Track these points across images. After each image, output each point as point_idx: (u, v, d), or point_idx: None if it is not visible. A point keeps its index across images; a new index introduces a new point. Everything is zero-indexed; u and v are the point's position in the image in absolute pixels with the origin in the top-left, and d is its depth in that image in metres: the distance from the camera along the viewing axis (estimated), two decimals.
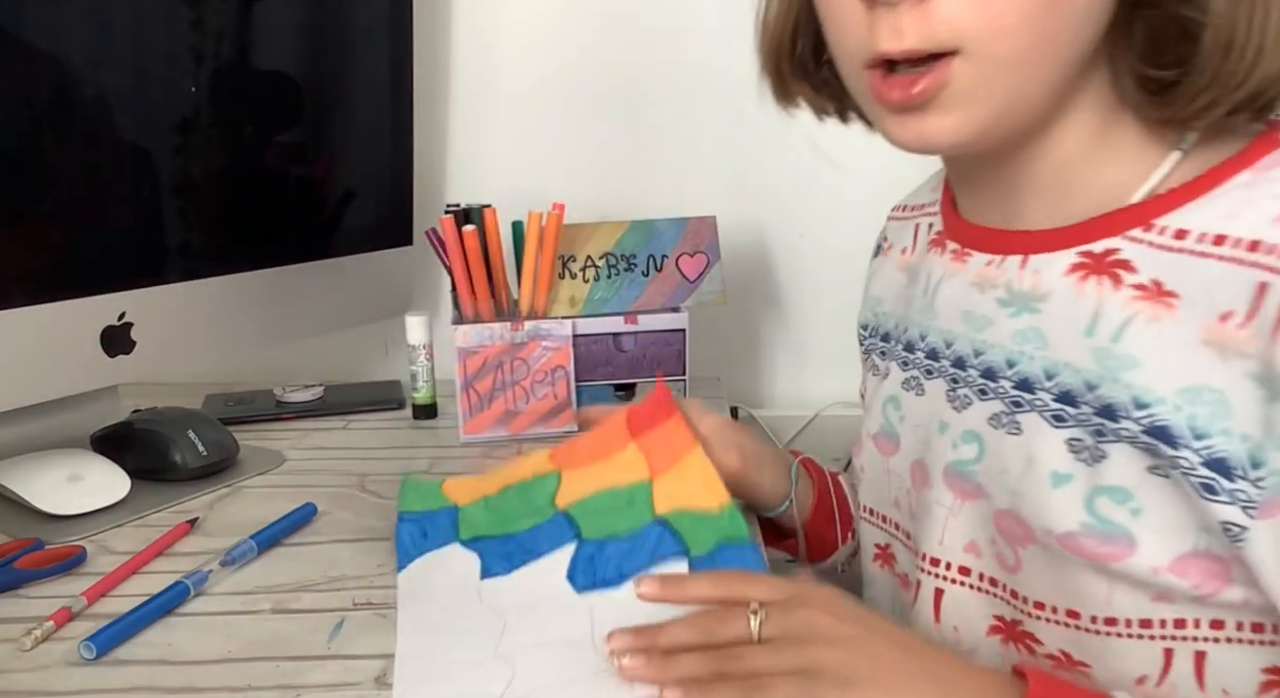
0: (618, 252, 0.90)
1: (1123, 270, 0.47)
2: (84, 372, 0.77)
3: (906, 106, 0.47)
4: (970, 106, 0.46)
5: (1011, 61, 0.45)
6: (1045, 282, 0.50)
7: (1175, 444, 0.43)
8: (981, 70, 0.45)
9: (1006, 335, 0.52)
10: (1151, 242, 0.46)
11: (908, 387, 0.59)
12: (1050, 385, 0.49)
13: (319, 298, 0.96)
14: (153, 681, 0.52)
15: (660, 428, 0.68)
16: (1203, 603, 0.45)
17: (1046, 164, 0.50)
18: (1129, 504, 0.46)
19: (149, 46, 0.79)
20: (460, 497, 0.70)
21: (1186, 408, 0.43)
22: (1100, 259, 0.48)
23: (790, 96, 0.60)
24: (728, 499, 0.62)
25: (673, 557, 0.59)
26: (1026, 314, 0.51)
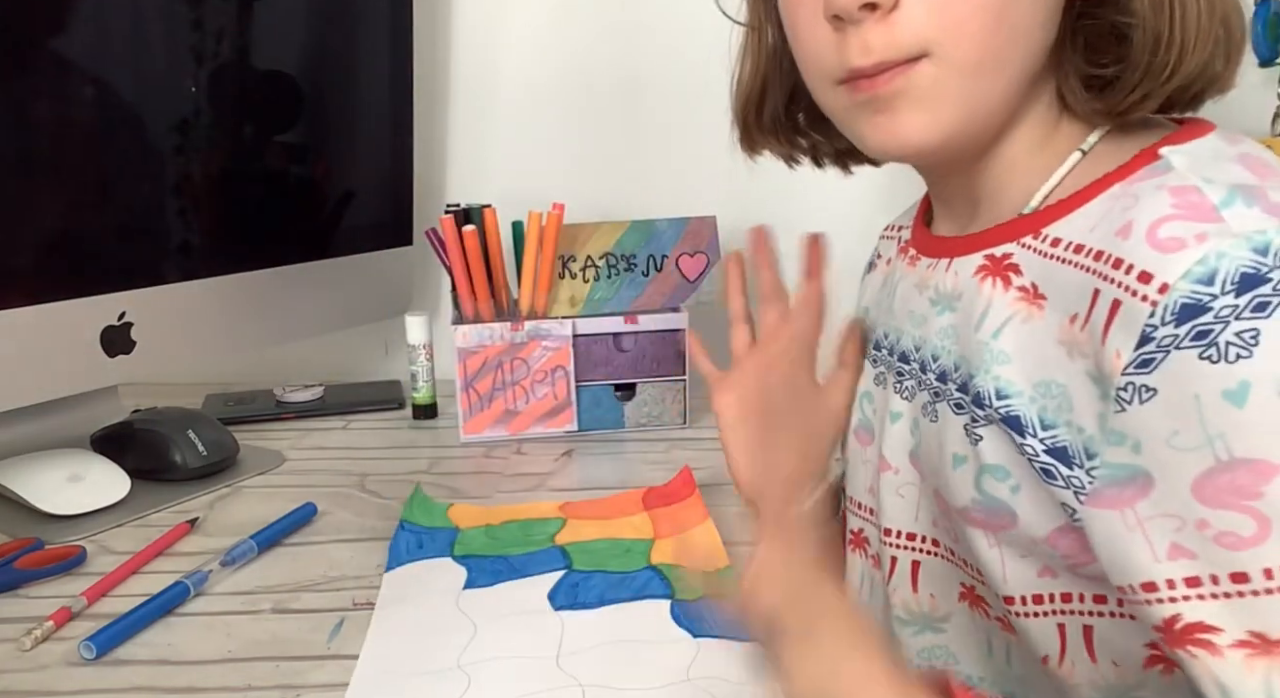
0: (618, 252, 0.90)
1: (1013, 273, 0.51)
2: (84, 372, 0.77)
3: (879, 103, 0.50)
4: (938, 107, 0.49)
5: (973, 65, 0.48)
6: (961, 282, 0.54)
7: (1023, 433, 0.48)
8: (947, 74, 0.48)
9: (934, 332, 0.56)
10: (1036, 248, 0.50)
11: (878, 382, 0.63)
12: (956, 377, 0.54)
13: (319, 298, 0.96)
14: (153, 681, 0.52)
15: (676, 505, 0.71)
16: (1081, 575, 0.48)
17: (994, 172, 0.54)
18: (1008, 482, 0.50)
19: (149, 46, 0.79)
20: (464, 521, 0.70)
21: (1039, 400, 0.47)
22: (999, 262, 0.52)
23: (755, 147, 0.64)
24: (726, 564, 0.62)
25: (659, 597, 0.59)
26: (948, 313, 0.55)
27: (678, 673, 0.51)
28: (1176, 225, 0.42)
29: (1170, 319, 0.41)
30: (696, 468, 0.77)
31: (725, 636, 0.55)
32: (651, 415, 0.91)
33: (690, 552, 0.65)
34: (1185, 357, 0.40)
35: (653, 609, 0.57)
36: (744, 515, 0.71)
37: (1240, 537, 0.39)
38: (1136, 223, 0.44)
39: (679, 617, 0.57)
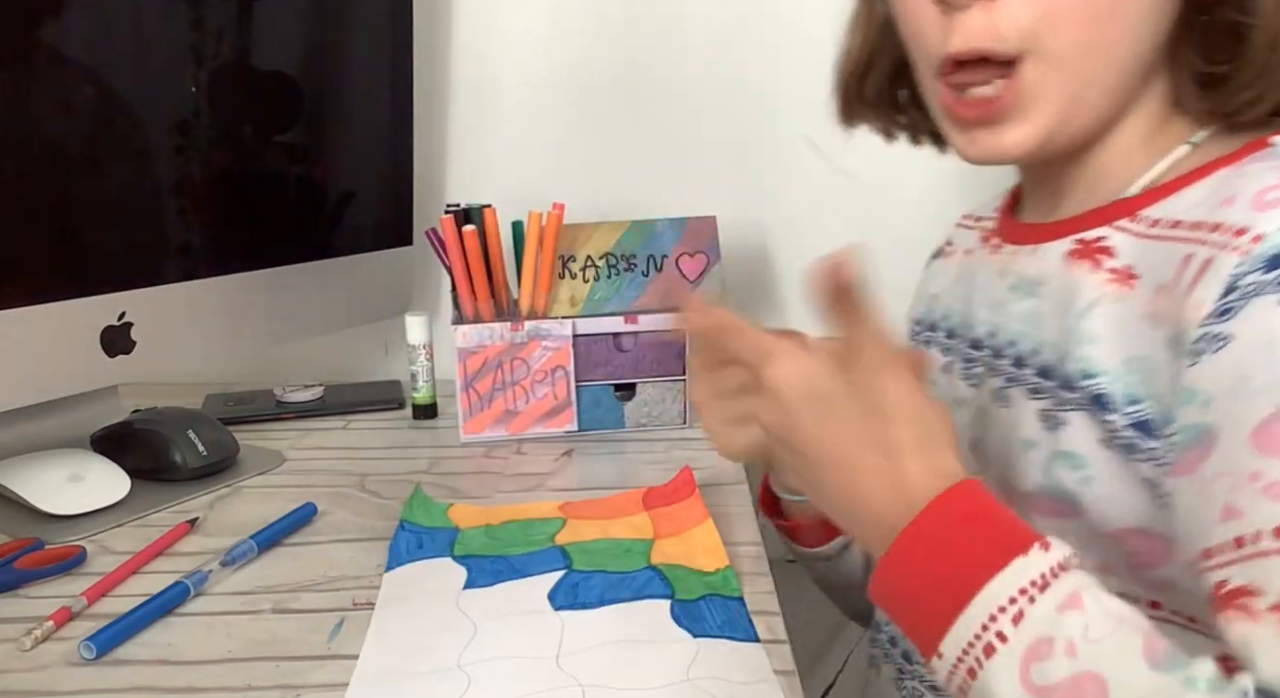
0: (618, 252, 0.90)
1: (1104, 256, 0.51)
2: (84, 372, 0.77)
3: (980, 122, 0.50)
4: (1037, 112, 0.49)
5: (1074, 61, 0.48)
6: (1047, 268, 0.54)
7: (1108, 409, 0.47)
8: (1046, 71, 0.48)
9: (1012, 317, 0.56)
10: (1131, 230, 0.50)
11: (945, 370, 0.63)
12: (1035, 361, 0.53)
13: (319, 298, 0.96)
14: (153, 681, 0.52)
15: (676, 504, 0.71)
16: (1142, 579, 0.48)
17: (1098, 163, 0.54)
18: (1081, 471, 0.49)
19: (149, 46, 0.79)
20: (464, 521, 0.70)
21: (1125, 377, 0.47)
22: (1089, 245, 0.52)
23: (853, 117, 0.64)
24: (726, 564, 0.62)
25: (658, 597, 0.59)
26: (1030, 298, 0.55)
27: (678, 673, 0.51)
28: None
29: (1259, 266, 0.41)
30: (696, 468, 0.77)
31: (725, 636, 0.55)
32: (651, 415, 0.91)
33: (688, 551, 0.64)
34: (1266, 301, 0.40)
35: (653, 609, 0.57)
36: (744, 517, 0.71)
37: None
38: (1240, 193, 0.44)
39: (679, 617, 0.57)
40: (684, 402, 0.92)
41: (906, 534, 0.43)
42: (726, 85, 1.07)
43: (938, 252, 0.74)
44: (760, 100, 1.07)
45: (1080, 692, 0.37)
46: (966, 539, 0.42)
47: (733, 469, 0.81)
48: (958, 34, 0.49)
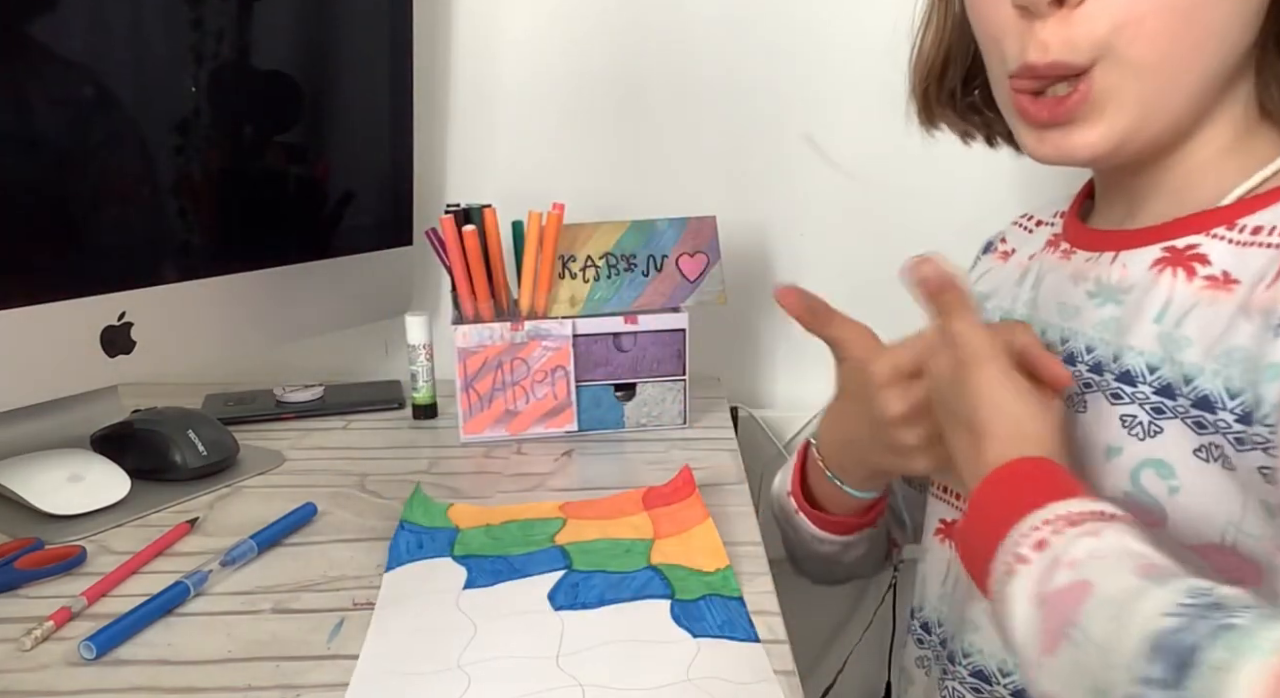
0: (618, 252, 0.90)
1: (1199, 263, 0.50)
2: (84, 372, 0.77)
3: (1052, 122, 0.50)
4: (1111, 115, 0.49)
5: (1150, 68, 0.47)
6: (1132, 275, 0.53)
7: (1214, 409, 0.47)
8: (1121, 77, 0.48)
9: (1090, 324, 0.55)
10: (1231, 238, 0.49)
11: None
12: (1114, 367, 0.53)
13: (319, 298, 0.96)
14: (153, 681, 0.52)
15: (676, 504, 0.71)
16: None
17: (1180, 170, 0.53)
18: (1169, 481, 0.49)
19: (149, 46, 0.79)
20: (464, 521, 0.70)
21: (1223, 372, 0.47)
22: (1181, 253, 0.51)
23: (934, 119, 0.63)
24: (726, 564, 0.62)
25: (658, 597, 0.59)
26: (1111, 305, 0.54)
27: (678, 673, 0.51)
28: None
29: None
30: (696, 468, 0.77)
31: (725, 636, 0.55)
32: (651, 415, 0.91)
33: (688, 551, 0.64)
34: None
35: (653, 609, 0.57)
36: (745, 515, 0.71)
37: None
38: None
39: (679, 617, 0.57)
40: (684, 402, 0.92)
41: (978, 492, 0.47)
42: (726, 85, 1.07)
43: (988, 246, 0.73)
44: (760, 100, 1.07)
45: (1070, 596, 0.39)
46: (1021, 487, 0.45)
47: (733, 469, 0.81)
48: (1034, 44, 0.49)
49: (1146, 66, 0.47)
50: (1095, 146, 0.50)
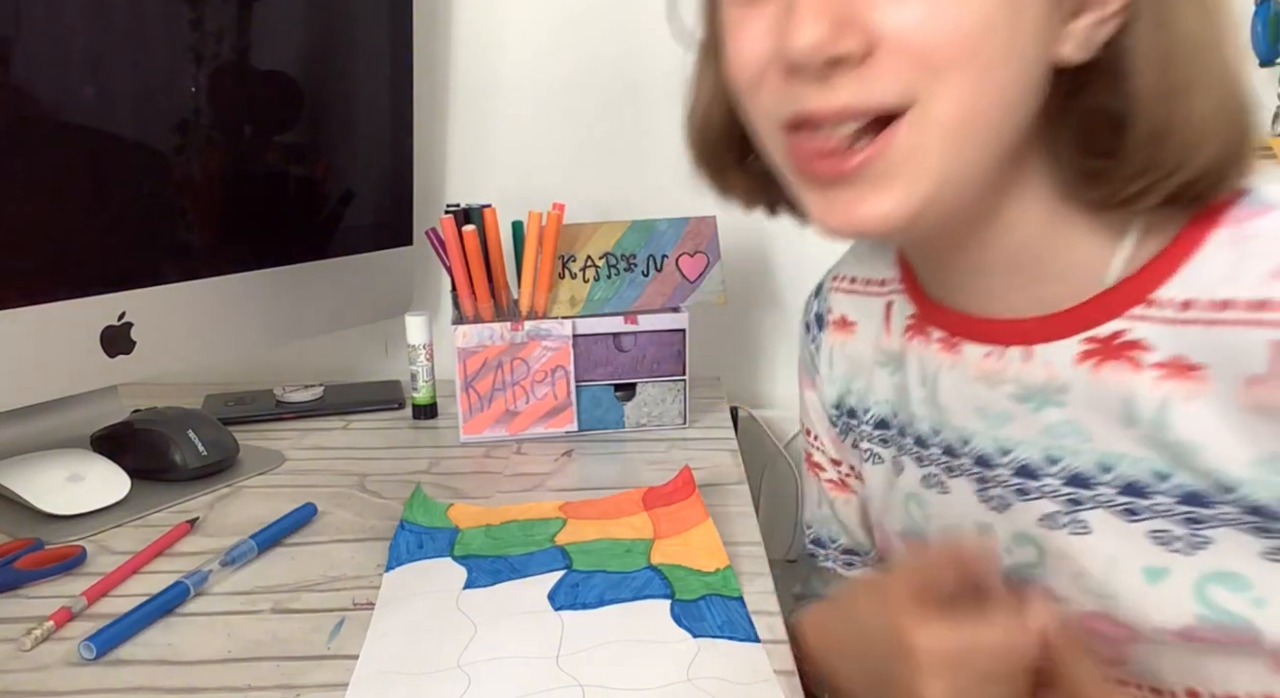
0: (618, 252, 0.90)
1: (1138, 351, 0.46)
2: (84, 372, 0.77)
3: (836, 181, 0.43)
4: (909, 179, 0.42)
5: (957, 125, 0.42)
6: (1060, 372, 0.48)
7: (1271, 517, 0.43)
8: (926, 137, 0.42)
9: (1036, 431, 0.50)
10: (1160, 317, 0.45)
11: (928, 483, 0.57)
12: (1110, 479, 0.47)
13: (319, 298, 0.97)
14: (153, 681, 0.52)
15: (676, 504, 0.71)
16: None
17: (1008, 246, 0.48)
18: (1249, 593, 0.44)
19: (149, 46, 0.79)
20: (464, 521, 0.70)
21: (1267, 478, 0.42)
22: (1108, 343, 0.46)
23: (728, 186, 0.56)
24: (726, 564, 0.62)
25: (658, 597, 0.59)
26: (1052, 407, 0.49)
27: (678, 673, 0.51)
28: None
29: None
30: (696, 468, 0.77)
31: (725, 636, 0.55)
32: (651, 415, 0.91)
33: (689, 551, 0.64)
34: None
35: (653, 609, 0.57)
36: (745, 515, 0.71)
37: None
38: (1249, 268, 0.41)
39: (679, 617, 0.57)
40: (684, 402, 0.92)
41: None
42: None
43: (819, 320, 0.66)
44: None
45: None
46: None
47: (733, 469, 0.81)
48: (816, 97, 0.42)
49: (949, 124, 0.41)
50: (889, 217, 0.43)
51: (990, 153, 0.43)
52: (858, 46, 0.40)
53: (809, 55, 0.40)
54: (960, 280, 0.52)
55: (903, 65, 0.40)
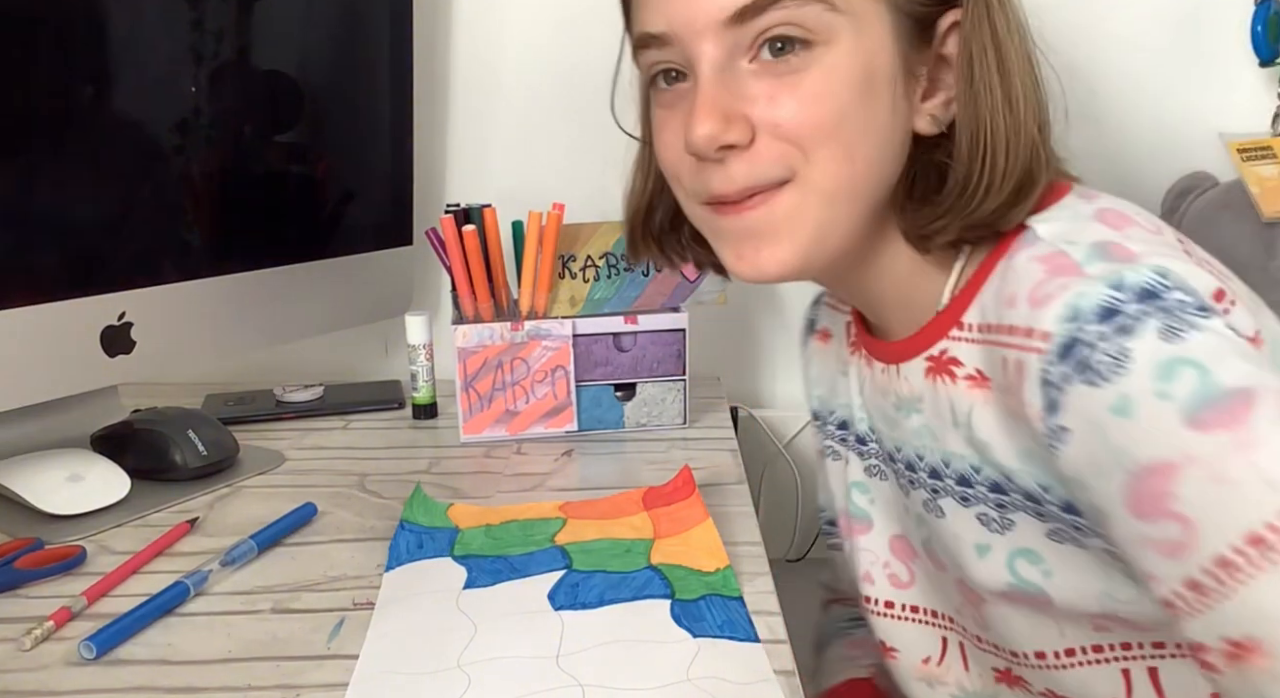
0: (618, 252, 0.90)
1: (954, 366, 0.55)
2: (84, 372, 0.77)
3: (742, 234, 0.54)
4: (794, 234, 0.53)
5: (831, 193, 0.52)
6: (914, 386, 0.58)
7: (1041, 502, 0.51)
8: (806, 200, 0.52)
9: (909, 433, 0.60)
10: (964, 337, 0.54)
11: (870, 473, 0.67)
12: (949, 472, 0.57)
13: (319, 298, 0.96)
14: (153, 681, 0.52)
15: (676, 504, 0.71)
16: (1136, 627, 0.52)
17: (886, 285, 0.58)
18: (1040, 566, 0.53)
19: (149, 46, 0.79)
20: (464, 521, 0.70)
21: (1031, 471, 0.51)
22: (939, 359, 0.56)
23: (638, 255, 0.68)
24: (726, 564, 0.62)
25: (658, 597, 0.59)
26: (915, 415, 0.59)
27: (678, 673, 0.51)
28: (1048, 284, 0.47)
29: (1056, 359, 0.46)
30: (696, 468, 0.77)
31: (725, 636, 0.55)
32: (651, 415, 0.91)
33: (689, 551, 0.65)
34: (1078, 390, 0.45)
35: (653, 609, 0.58)
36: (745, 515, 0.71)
37: (1176, 543, 0.42)
38: (1018, 293, 0.49)
39: (679, 617, 0.57)
40: (684, 402, 0.92)
41: None
42: None
43: (811, 327, 0.76)
44: None
45: None
46: None
47: (733, 469, 0.81)
48: (719, 178, 0.53)
49: (823, 192, 0.52)
50: (785, 263, 0.53)
51: (861, 208, 0.53)
52: (741, 136, 0.51)
53: (704, 144, 0.51)
54: (867, 309, 0.63)
55: (779, 147, 0.51)
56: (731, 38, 0.51)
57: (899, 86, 0.52)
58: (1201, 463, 0.41)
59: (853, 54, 0.50)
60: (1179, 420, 0.42)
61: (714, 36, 0.51)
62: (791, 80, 0.51)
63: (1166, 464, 0.42)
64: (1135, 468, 0.43)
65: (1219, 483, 0.41)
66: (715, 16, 0.50)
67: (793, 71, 0.50)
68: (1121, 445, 0.44)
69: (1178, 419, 0.42)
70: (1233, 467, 0.41)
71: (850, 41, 0.50)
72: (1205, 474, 0.41)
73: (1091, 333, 0.45)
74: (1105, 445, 0.44)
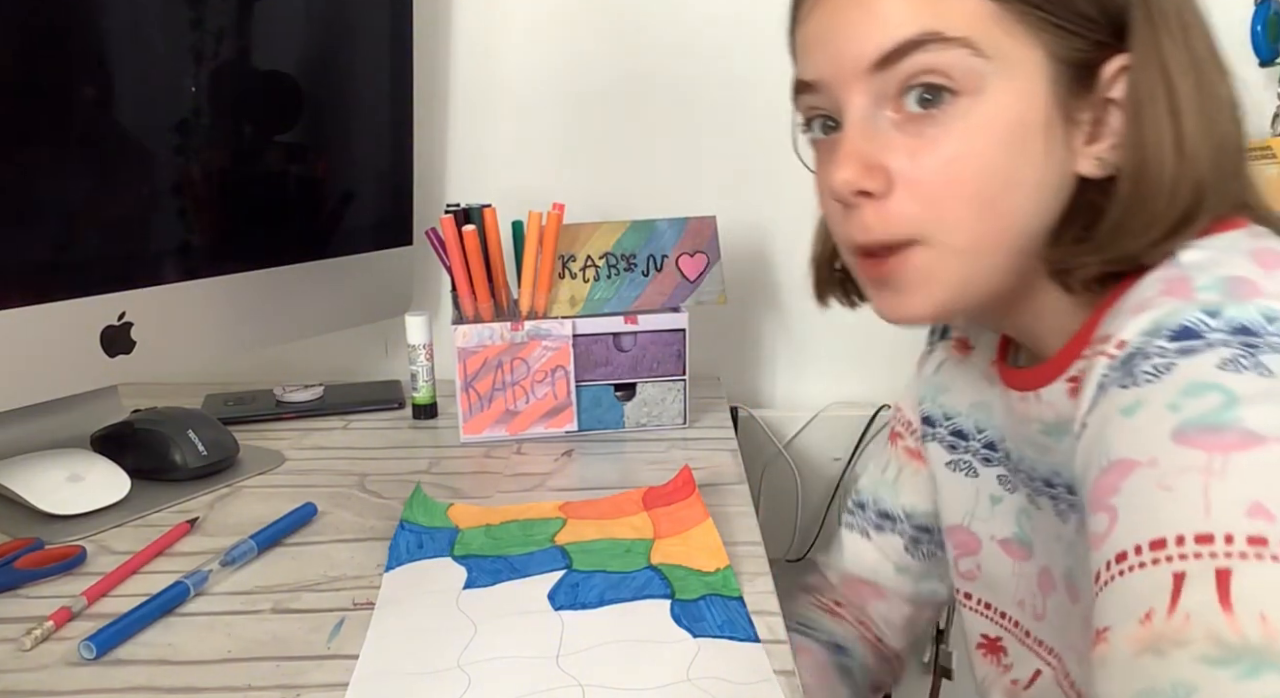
0: (618, 252, 0.90)
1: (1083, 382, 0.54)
2: (84, 372, 0.77)
3: (882, 283, 0.54)
4: (930, 287, 0.53)
5: (962, 250, 0.52)
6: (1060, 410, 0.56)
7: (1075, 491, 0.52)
8: (937, 258, 0.52)
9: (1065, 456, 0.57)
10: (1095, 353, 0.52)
11: (1032, 501, 0.64)
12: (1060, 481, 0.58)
13: (319, 298, 0.97)
14: (153, 681, 0.52)
15: (676, 504, 0.71)
16: None
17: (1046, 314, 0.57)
18: None
19: (149, 46, 0.79)
20: (464, 521, 0.70)
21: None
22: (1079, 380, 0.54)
23: (823, 297, 0.69)
24: (726, 564, 0.62)
25: (658, 597, 0.59)
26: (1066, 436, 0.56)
27: (678, 673, 0.51)
28: (1153, 300, 0.46)
29: (1119, 367, 0.45)
30: (696, 468, 0.77)
31: (725, 636, 0.55)
32: (651, 415, 0.91)
33: (689, 551, 0.65)
34: (1112, 391, 0.45)
35: (653, 609, 0.58)
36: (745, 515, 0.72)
37: (1099, 535, 0.43)
38: (1126, 306, 0.48)
39: (679, 617, 0.57)
40: (684, 402, 0.92)
41: None
42: (726, 85, 1.07)
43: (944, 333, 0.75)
44: (760, 100, 1.07)
45: None
46: None
47: (733, 469, 0.81)
48: (857, 228, 0.53)
49: (958, 250, 0.51)
50: (920, 314, 0.54)
51: (1005, 258, 0.53)
52: (878, 185, 0.51)
53: (842, 189, 0.52)
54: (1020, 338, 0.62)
55: (912, 208, 0.51)
56: (877, 85, 0.51)
57: (1055, 134, 0.50)
58: (1159, 469, 0.41)
59: (1001, 106, 0.49)
60: (1168, 430, 0.41)
61: (860, 84, 0.51)
62: (933, 135, 0.50)
63: (1129, 462, 0.42)
64: (1105, 462, 0.43)
65: (1161, 488, 0.40)
66: (860, 63, 0.50)
67: (936, 126, 0.50)
68: (1109, 441, 0.43)
69: (1168, 429, 0.41)
70: (1184, 481, 0.40)
71: (999, 91, 0.49)
72: (1154, 478, 0.41)
73: (1155, 347, 0.44)
74: (1099, 440, 0.44)
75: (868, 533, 0.80)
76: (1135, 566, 0.41)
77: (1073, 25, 0.49)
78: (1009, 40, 0.49)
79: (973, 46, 0.48)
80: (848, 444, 1.11)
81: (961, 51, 0.48)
